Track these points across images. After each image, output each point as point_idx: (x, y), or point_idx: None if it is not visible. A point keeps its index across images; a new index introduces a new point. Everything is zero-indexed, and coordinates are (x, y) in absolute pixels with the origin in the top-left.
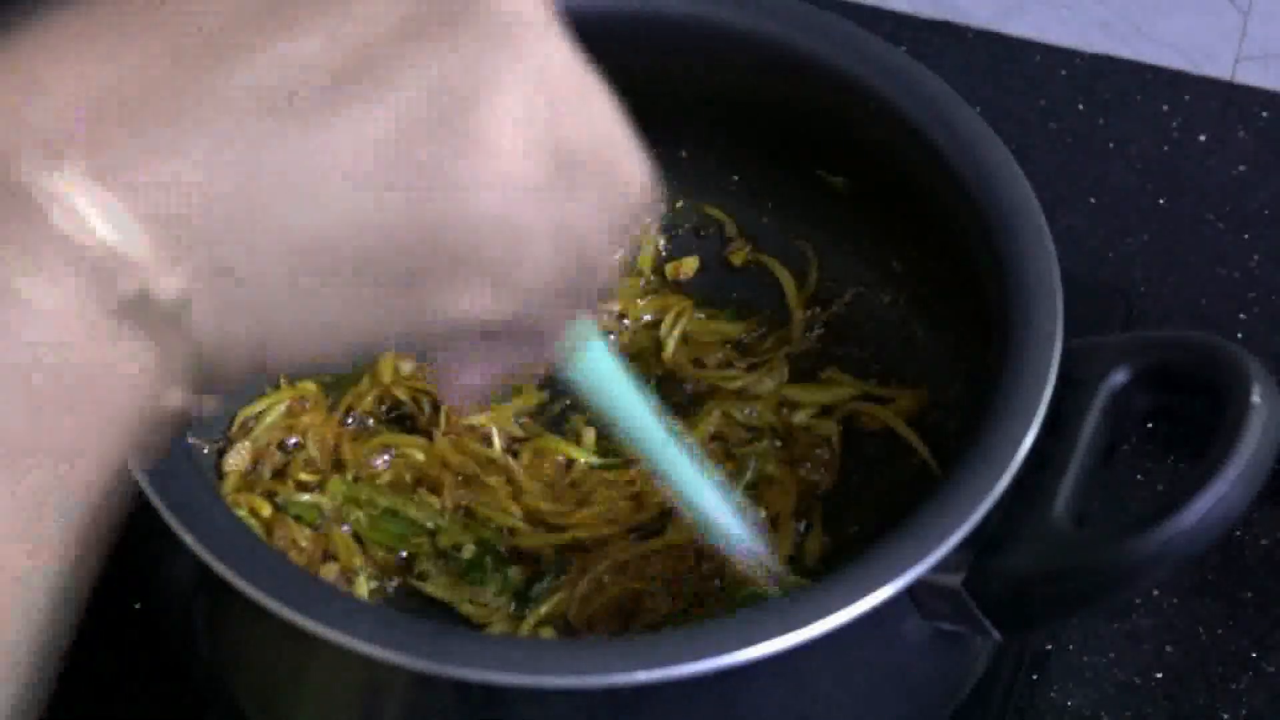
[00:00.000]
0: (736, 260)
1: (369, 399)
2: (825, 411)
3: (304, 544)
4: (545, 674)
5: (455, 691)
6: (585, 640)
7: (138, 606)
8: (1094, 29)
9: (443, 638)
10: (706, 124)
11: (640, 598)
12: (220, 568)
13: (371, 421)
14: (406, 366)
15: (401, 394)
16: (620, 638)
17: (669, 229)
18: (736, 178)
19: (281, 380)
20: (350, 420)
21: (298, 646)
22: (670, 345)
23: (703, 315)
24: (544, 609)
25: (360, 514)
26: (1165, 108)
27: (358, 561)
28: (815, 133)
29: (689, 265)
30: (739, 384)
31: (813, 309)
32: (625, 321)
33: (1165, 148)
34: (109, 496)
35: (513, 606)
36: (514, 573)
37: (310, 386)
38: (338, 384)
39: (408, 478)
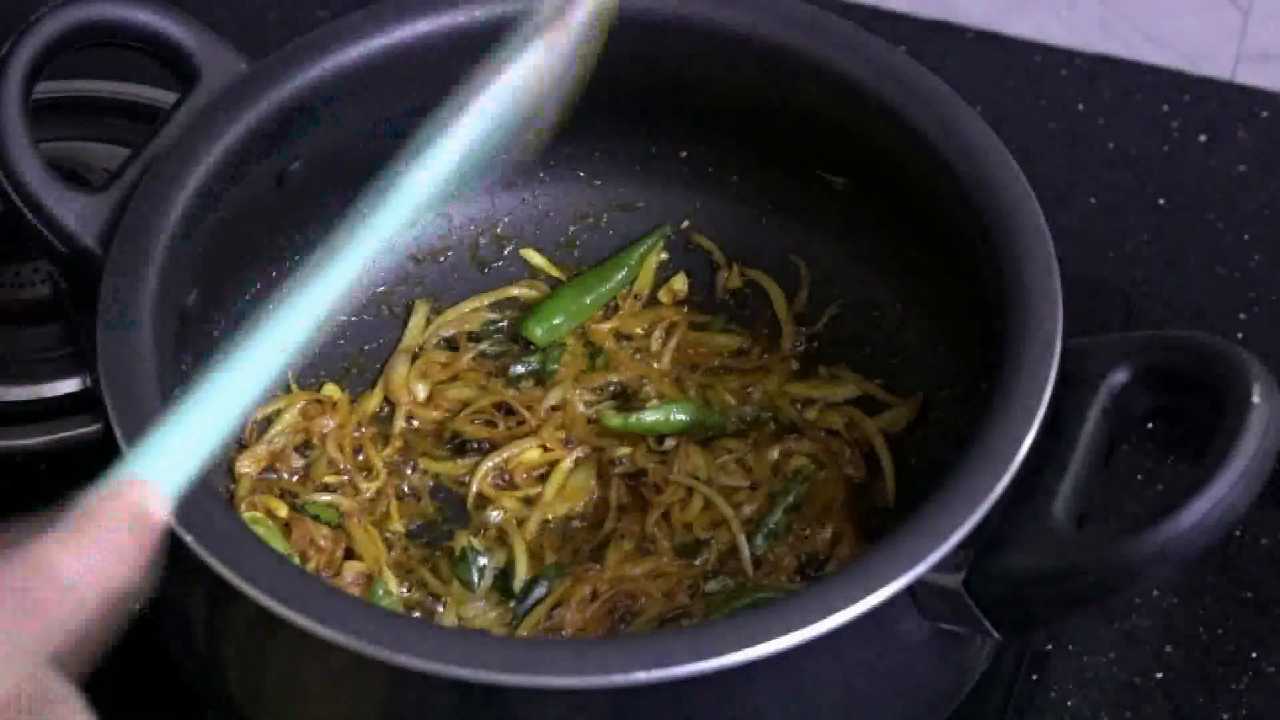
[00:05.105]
0: (731, 285)
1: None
2: (830, 408)
3: (323, 543)
4: (545, 674)
5: (455, 691)
6: (585, 640)
7: (137, 606)
8: (1094, 29)
9: (443, 638)
10: (706, 124)
11: (635, 598)
12: (220, 568)
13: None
14: (421, 391)
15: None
16: (620, 638)
17: (672, 241)
18: (736, 178)
19: (293, 384)
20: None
21: (297, 646)
22: (666, 358)
23: (696, 327)
24: (534, 617)
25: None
26: (1165, 108)
27: (383, 558)
28: (815, 133)
29: (679, 284)
30: (735, 385)
31: (803, 322)
32: (615, 329)
33: (1165, 148)
34: None
35: (509, 618)
36: (517, 582)
37: (334, 390)
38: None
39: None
